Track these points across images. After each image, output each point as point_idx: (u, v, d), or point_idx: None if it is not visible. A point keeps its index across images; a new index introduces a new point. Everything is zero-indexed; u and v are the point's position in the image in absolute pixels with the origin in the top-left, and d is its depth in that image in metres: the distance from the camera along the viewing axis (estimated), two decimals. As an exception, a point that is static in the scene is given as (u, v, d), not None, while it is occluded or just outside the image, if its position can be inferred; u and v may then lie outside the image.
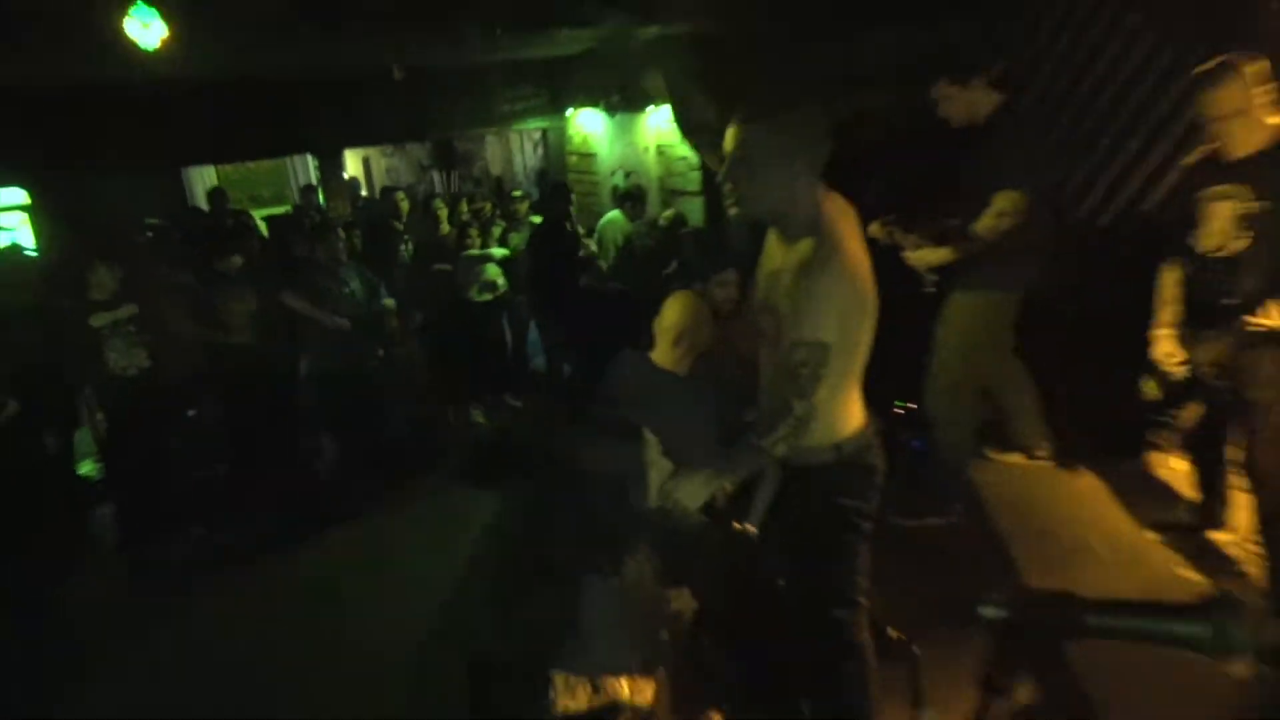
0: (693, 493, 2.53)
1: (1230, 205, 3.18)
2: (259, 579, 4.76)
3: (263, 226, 9.55)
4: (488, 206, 8.70)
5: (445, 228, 7.71)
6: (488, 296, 7.50)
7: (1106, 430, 4.73)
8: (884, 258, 3.72)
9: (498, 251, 7.65)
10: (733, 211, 2.58)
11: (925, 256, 4.16)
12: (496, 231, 8.08)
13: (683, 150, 8.39)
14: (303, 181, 13.11)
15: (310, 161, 13.11)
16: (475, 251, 7.52)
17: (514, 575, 2.35)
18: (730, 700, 3.10)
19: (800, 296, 2.42)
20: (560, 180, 8.13)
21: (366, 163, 15.54)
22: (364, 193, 13.24)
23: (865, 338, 2.57)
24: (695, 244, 7.43)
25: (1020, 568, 3.98)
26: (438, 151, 13.95)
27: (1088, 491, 4.54)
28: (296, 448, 6.41)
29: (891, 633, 3.29)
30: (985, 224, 3.94)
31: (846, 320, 2.44)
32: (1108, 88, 5.50)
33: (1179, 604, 1.16)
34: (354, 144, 12.46)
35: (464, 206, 8.30)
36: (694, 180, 8.37)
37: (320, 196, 10.13)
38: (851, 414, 2.63)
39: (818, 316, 2.39)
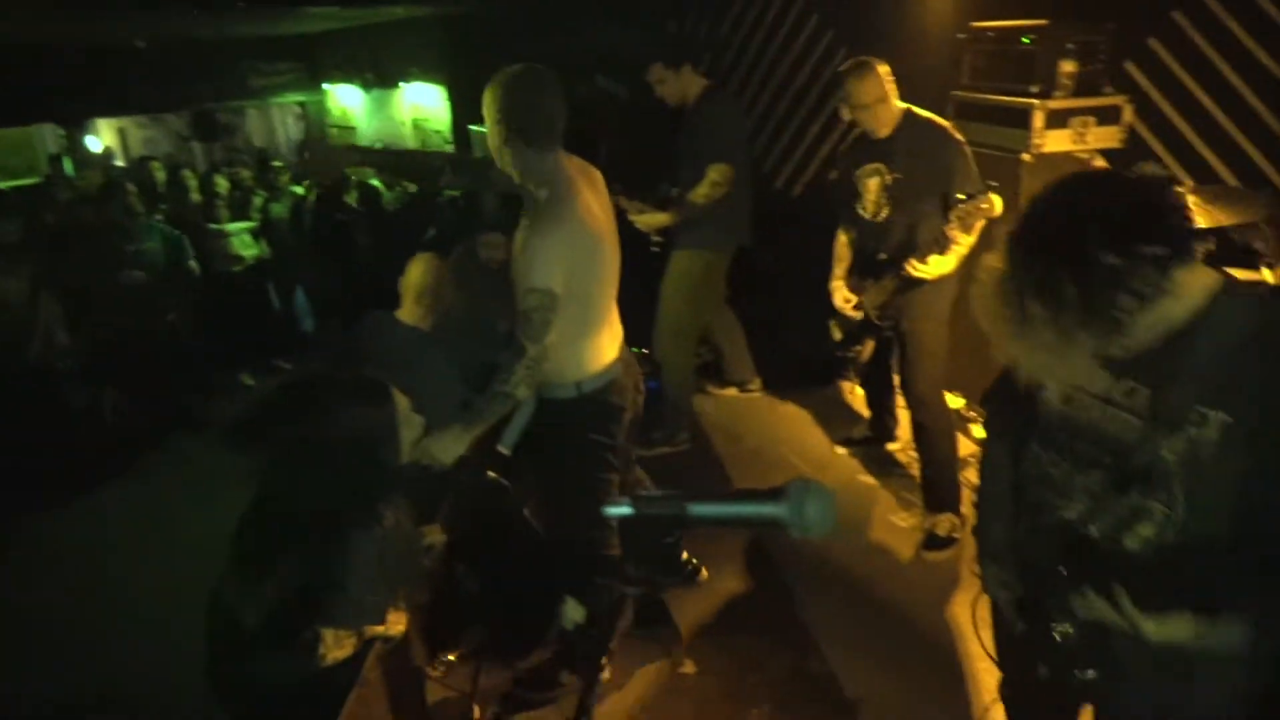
0: (448, 448, 2.46)
1: (877, 180, 3.43)
2: (16, 542, 4.22)
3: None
4: (245, 175, 8.02)
5: (196, 197, 7.02)
6: (236, 268, 6.92)
7: (802, 364, 5.04)
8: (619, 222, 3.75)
9: (233, 226, 7.03)
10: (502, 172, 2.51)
11: (649, 220, 4.26)
12: (258, 201, 7.47)
13: (437, 123, 8.09)
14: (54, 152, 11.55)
15: (57, 131, 11.57)
16: (213, 226, 6.89)
17: (275, 535, 2.16)
18: (485, 621, 3.07)
19: (530, 247, 2.39)
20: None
21: (122, 134, 13.91)
22: (119, 163, 11.87)
23: (600, 287, 2.56)
24: (452, 211, 7.21)
25: (735, 483, 4.18)
26: (198, 123, 12.70)
27: (789, 416, 4.83)
28: (60, 412, 5.67)
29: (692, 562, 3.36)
30: (701, 193, 4.06)
31: (575, 270, 2.41)
32: (795, 79, 5.78)
33: (762, 490, 1.21)
34: (101, 113, 11.10)
35: (218, 178, 7.60)
36: (449, 151, 8.11)
37: (69, 166, 8.96)
38: (594, 356, 2.61)
39: (544, 266, 2.35)
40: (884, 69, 3.34)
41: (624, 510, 1.25)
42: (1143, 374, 1.50)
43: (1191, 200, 3.27)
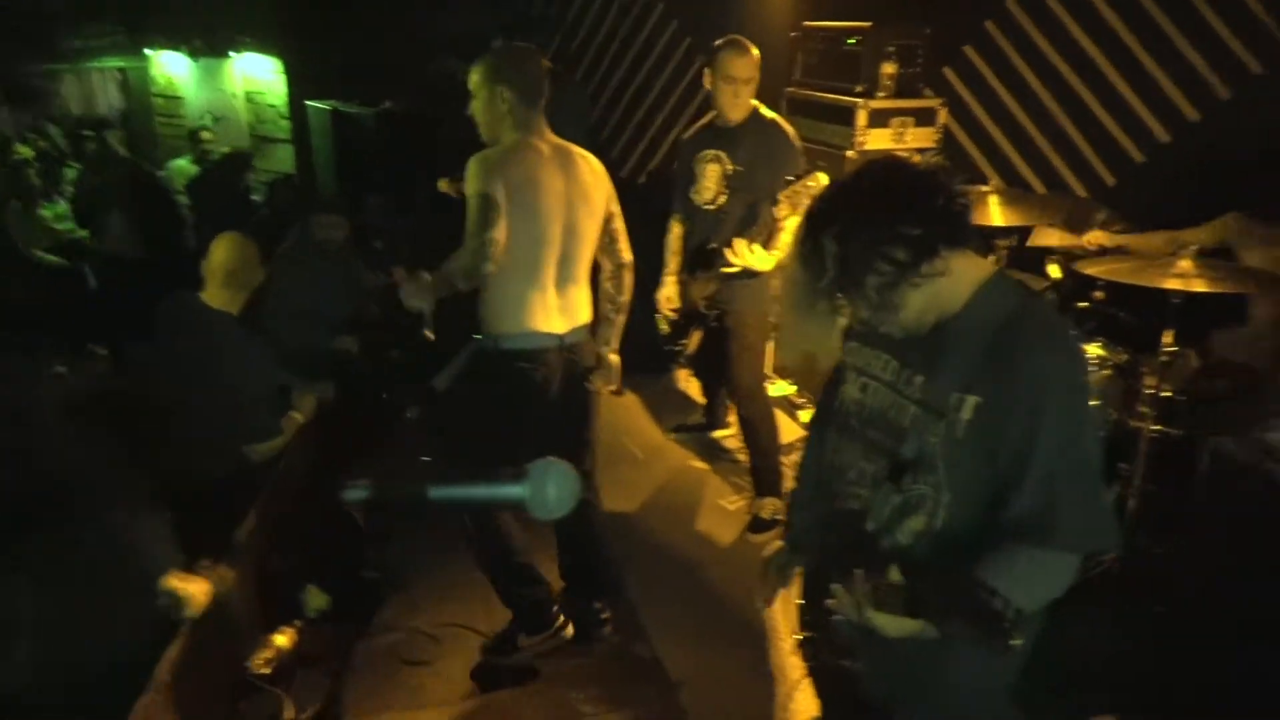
0: (419, 294, 2.44)
1: (717, 167, 3.51)
2: None
3: None
4: (42, 144, 7.33)
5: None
6: (43, 247, 6.36)
7: (643, 352, 5.10)
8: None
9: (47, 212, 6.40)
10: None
11: None
12: (70, 174, 6.93)
13: (273, 98, 7.73)
14: None
15: None
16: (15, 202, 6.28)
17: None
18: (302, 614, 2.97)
19: (475, 163, 2.59)
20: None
21: (-86, 96, 12.59)
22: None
23: (534, 247, 2.62)
24: (288, 190, 6.91)
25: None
26: (5, 88, 11.65)
27: (628, 405, 4.87)
28: None
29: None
30: None
31: (517, 196, 2.55)
32: (642, 66, 5.84)
33: (504, 471, 1.23)
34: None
35: (20, 148, 6.95)
36: (284, 128, 7.74)
37: None
38: (517, 314, 2.66)
39: (485, 177, 2.54)
40: (755, 54, 3.39)
41: (360, 494, 1.24)
42: (921, 361, 1.60)
43: (993, 200, 3.51)
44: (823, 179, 3.19)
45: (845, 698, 2.08)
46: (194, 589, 2.17)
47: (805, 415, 4.47)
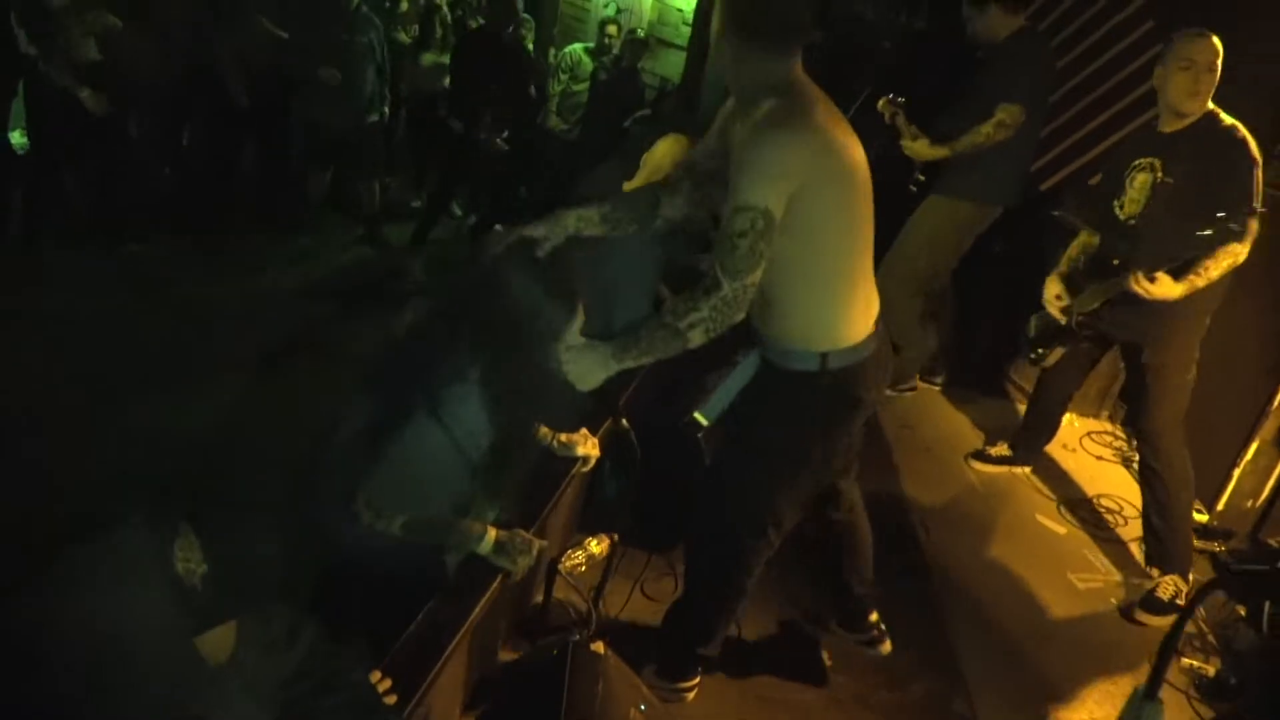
0: (587, 372, 1.96)
1: (1147, 177, 3.00)
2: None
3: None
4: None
5: (404, 5, 6.69)
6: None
7: (986, 363, 4.69)
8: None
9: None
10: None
11: (921, 150, 3.90)
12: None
13: (681, 1, 7.67)
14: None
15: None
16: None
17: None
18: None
19: (746, 155, 1.88)
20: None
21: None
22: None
23: (854, 231, 2.02)
24: (673, 100, 6.83)
25: (904, 477, 3.83)
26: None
27: (959, 417, 4.45)
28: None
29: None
30: (985, 131, 3.72)
31: (813, 196, 1.90)
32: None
33: None
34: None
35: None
36: (683, 34, 7.63)
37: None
38: (846, 323, 2.07)
39: (763, 179, 1.85)
40: (1218, 43, 2.85)
41: None
42: None
43: None
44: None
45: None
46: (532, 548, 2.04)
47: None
